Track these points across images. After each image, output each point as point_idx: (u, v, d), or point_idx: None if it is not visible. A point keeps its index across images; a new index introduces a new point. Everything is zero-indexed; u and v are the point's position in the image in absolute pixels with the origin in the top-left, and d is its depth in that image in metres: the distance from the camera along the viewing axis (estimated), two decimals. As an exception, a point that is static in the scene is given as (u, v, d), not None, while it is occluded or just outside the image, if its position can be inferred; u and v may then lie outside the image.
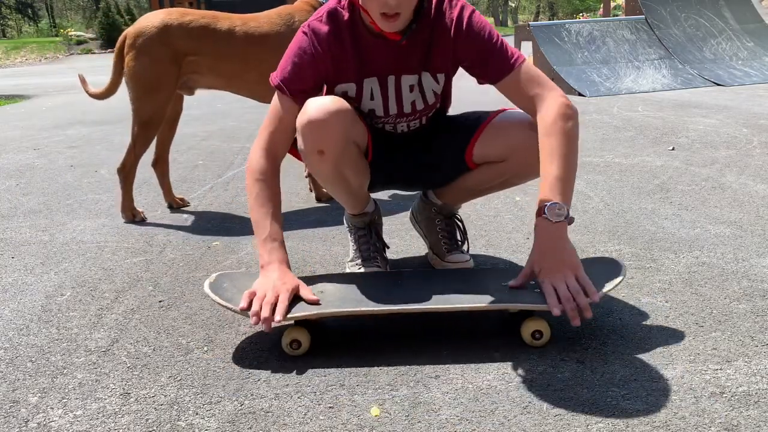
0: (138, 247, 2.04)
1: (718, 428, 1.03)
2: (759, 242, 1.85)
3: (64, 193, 2.77)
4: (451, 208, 1.73)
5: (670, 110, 4.31)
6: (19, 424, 1.12)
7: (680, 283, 1.59)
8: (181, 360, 1.32)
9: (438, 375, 1.23)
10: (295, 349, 1.31)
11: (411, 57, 1.47)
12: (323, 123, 1.38)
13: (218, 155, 3.50)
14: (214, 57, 2.20)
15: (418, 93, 1.51)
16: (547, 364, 1.25)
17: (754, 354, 1.25)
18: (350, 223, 1.70)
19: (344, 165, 1.47)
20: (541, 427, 1.06)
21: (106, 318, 1.53)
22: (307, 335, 1.32)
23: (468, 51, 1.45)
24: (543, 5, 42.19)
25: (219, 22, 2.21)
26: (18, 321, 1.54)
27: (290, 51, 1.46)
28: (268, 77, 1.49)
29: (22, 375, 1.29)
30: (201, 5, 18.70)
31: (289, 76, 1.43)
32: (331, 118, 1.38)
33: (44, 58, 17.21)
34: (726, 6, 6.34)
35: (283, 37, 2.17)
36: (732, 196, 2.31)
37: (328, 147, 1.40)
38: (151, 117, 2.24)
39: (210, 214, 2.39)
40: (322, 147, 1.40)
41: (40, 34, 31.13)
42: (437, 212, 1.72)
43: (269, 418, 1.11)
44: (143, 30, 2.18)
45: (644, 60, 5.76)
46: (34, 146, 4.00)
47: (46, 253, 2.01)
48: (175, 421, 1.11)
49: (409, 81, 1.49)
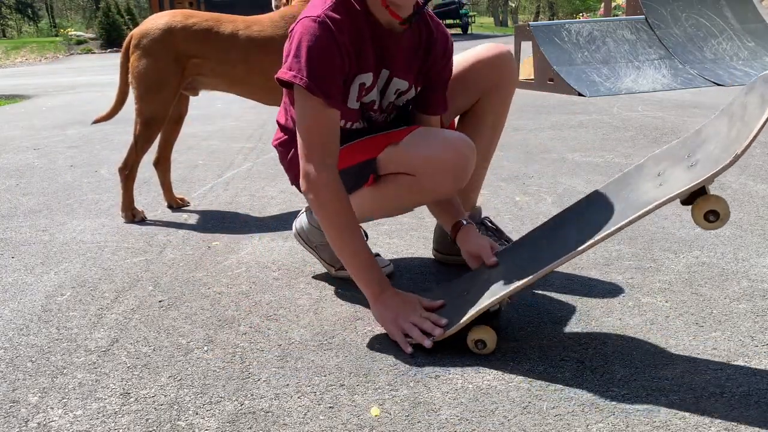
0: (138, 247, 2.04)
1: (718, 428, 1.03)
2: (759, 242, 1.85)
3: (64, 193, 2.77)
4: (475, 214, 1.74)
5: (670, 110, 4.31)
6: (19, 424, 1.12)
7: (680, 283, 1.59)
8: (181, 360, 1.32)
9: (438, 375, 1.23)
10: (480, 349, 1.29)
11: (414, 58, 1.47)
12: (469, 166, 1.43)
13: (218, 155, 3.50)
14: (217, 60, 2.21)
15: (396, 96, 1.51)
16: (547, 364, 1.25)
17: (754, 354, 1.25)
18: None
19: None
20: (541, 427, 1.06)
21: (106, 318, 1.53)
22: (492, 334, 1.29)
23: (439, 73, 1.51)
24: (543, 5, 42.17)
25: (222, 25, 2.22)
26: (18, 321, 1.54)
27: (306, 44, 1.30)
28: (271, 80, 1.45)
29: (22, 375, 1.29)
30: (201, 5, 18.70)
31: (320, 73, 1.30)
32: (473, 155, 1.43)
33: (44, 58, 17.21)
34: (727, 6, 6.34)
35: (286, 40, 2.18)
36: (732, 196, 2.31)
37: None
38: (154, 117, 2.25)
39: (210, 214, 2.39)
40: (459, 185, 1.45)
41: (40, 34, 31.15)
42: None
43: (269, 418, 1.11)
44: (148, 31, 2.21)
45: (644, 60, 5.76)
46: (34, 146, 4.00)
47: (46, 253, 2.01)
48: (175, 421, 1.11)
49: (398, 85, 1.48)
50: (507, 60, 1.62)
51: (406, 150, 1.42)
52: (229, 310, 1.55)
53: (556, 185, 2.57)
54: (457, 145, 1.42)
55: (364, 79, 1.42)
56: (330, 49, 1.30)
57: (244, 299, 1.61)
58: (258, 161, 3.31)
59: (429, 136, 1.44)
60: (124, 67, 2.29)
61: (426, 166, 1.41)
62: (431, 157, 1.41)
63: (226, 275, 1.77)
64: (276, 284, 1.70)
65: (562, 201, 2.34)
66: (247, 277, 1.75)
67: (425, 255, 1.87)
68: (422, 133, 1.44)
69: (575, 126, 3.92)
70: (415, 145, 1.42)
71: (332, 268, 1.70)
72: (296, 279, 1.73)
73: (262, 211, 2.40)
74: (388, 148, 1.43)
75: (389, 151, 1.43)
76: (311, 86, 1.29)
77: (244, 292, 1.66)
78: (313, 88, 1.30)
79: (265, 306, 1.56)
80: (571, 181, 2.61)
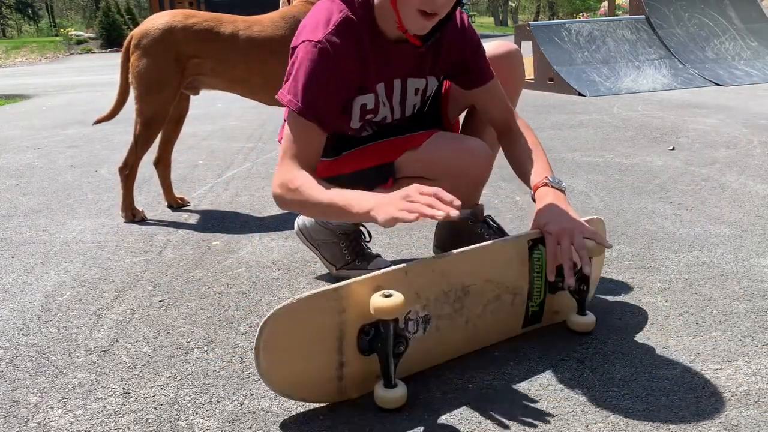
0: (138, 247, 2.04)
1: (718, 428, 1.03)
2: (759, 242, 1.85)
3: (64, 193, 2.77)
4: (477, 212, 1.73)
5: (670, 110, 4.31)
6: (19, 424, 1.12)
7: (680, 283, 1.59)
8: (181, 360, 1.32)
9: (438, 375, 1.23)
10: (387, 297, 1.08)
11: (424, 61, 1.45)
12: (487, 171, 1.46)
13: (218, 155, 3.50)
14: (218, 60, 2.21)
15: (420, 97, 1.50)
16: (547, 364, 1.25)
17: (754, 354, 1.25)
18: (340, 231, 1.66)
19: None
20: (541, 427, 1.06)
21: (106, 318, 1.53)
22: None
23: (461, 53, 1.46)
24: (543, 5, 42.17)
25: (223, 25, 2.22)
26: (18, 321, 1.54)
27: (304, 70, 1.30)
28: (271, 80, 1.46)
29: (22, 375, 1.29)
30: (201, 5, 18.70)
31: (314, 99, 1.30)
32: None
33: (44, 58, 17.21)
34: (731, 5, 6.34)
35: (286, 40, 2.17)
36: (732, 196, 2.31)
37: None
38: (154, 117, 2.25)
39: (210, 214, 2.39)
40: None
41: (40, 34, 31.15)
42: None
43: (269, 418, 1.11)
44: (148, 31, 2.21)
45: (644, 60, 5.76)
46: (34, 146, 4.00)
47: (46, 253, 2.01)
48: (175, 421, 1.11)
49: (416, 84, 1.47)
50: (516, 58, 1.62)
51: (424, 155, 1.45)
52: (229, 310, 1.55)
53: (556, 185, 2.57)
54: (475, 152, 1.47)
55: (365, 100, 1.42)
56: (327, 76, 1.30)
57: (244, 299, 1.61)
58: (258, 161, 3.31)
59: (447, 143, 1.47)
60: (124, 67, 2.29)
61: (444, 172, 1.44)
62: (450, 163, 1.44)
63: (226, 275, 1.77)
64: (276, 284, 1.70)
65: (562, 201, 2.34)
66: (247, 277, 1.75)
67: (425, 255, 1.87)
68: (440, 138, 1.47)
69: (575, 126, 3.92)
70: (434, 151, 1.45)
71: (333, 267, 1.70)
72: (296, 279, 1.73)
73: (262, 211, 2.40)
74: (406, 153, 1.46)
75: (408, 155, 1.46)
76: (304, 111, 1.30)
77: (244, 292, 1.66)
78: (306, 114, 1.30)
79: (265, 306, 1.56)
80: (571, 181, 2.61)
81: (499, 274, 1.29)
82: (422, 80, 1.47)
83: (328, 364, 1.11)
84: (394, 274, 1.15)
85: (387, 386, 1.11)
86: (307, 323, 1.09)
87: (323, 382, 1.12)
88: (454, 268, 1.22)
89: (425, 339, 1.20)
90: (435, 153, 1.45)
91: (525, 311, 1.35)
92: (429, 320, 1.20)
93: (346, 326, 1.11)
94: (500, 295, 1.30)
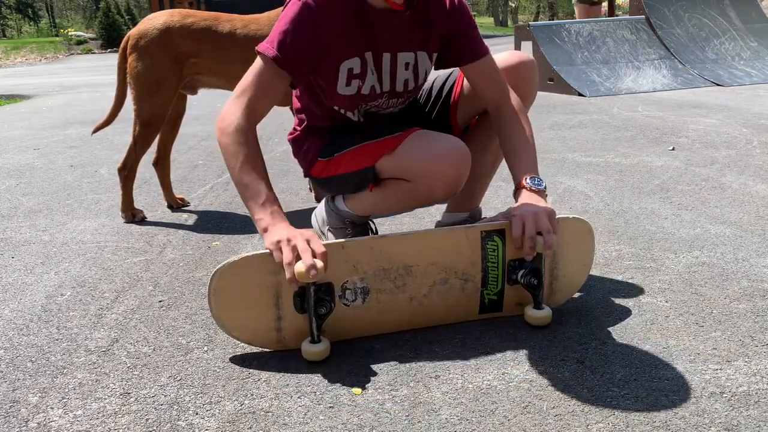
0: (138, 247, 2.04)
1: (718, 428, 1.03)
2: (759, 242, 1.85)
3: (64, 193, 2.77)
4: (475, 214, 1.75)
5: (670, 110, 4.31)
6: (19, 424, 1.12)
7: (680, 283, 1.59)
8: (181, 360, 1.32)
9: (438, 375, 1.23)
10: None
11: (413, 33, 1.47)
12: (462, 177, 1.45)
13: (218, 155, 3.49)
14: (215, 59, 2.21)
15: (411, 72, 1.51)
16: (547, 364, 1.25)
17: (754, 354, 1.25)
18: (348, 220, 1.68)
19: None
20: (541, 427, 1.06)
21: (106, 318, 1.53)
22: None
23: (452, 27, 1.49)
24: (543, 5, 42.17)
25: (220, 24, 2.21)
26: (18, 321, 1.54)
27: (284, 23, 1.37)
28: None
29: (22, 375, 1.29)
30: (201, 5, 18.70)
31: (285, 48, 1.36)
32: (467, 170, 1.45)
33: (44, 58, 17.21)
34: (731, 5, 6.34)
35: None
36: (732, 196, 2.31)
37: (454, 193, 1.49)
38: (152, 117, 2.24)
39: (210, 214, 2.39)
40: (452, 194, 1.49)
41: (40, 34, 31.15)
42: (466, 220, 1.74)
43: (269, 418, 1.11)
44: (146, 31, 2.20)
45: (644, 60, 5.76)
46: (34, 146, 4.00)
47: (46, 253, 2.01)
48: (175, 421, 1.11)
49: (406, 58, 1.49)
50: (527, 69, 1.60)
51: (399, 160, 1.47)
52: (229, 310, 1.55)
53: (556, 185, 2.57)
54: (449, 153, 1.45)
55: (351, 64, 1.44)
56: (306, 32, 1.37)
57: (244, 299, 1.61)
58: (258, 161, 3.30)
59: (421, 145, 1.46)
60: (121, 68, 2.27)
61: (419, 175, 1.46)
62: (423, 166, 1.45)
63: (226, 275, 1.77)
64: (276, 284, 1.70)
65: (563, 201, 2.34)
66: (247, 277, 1.75)
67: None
68: (415, 140, 1.47)
69: (575, 126, 3.92)
70: (408, 155, 1.46)
71: None
72: (296, 279, 1.73)
73: (262, 211, 2.39)
74: (383, 157, 1.48)
75: (385, 160, 1.48)
76: (279, 59, 1.36)
77: (244, 292, 1.66)
78: (280, 61, 1.36)
79: (265, 306, 1.56)
80: (571, 181, 2.61)
81: (447, 259, 1.38)
82: (411, 54, 1.49)
83: (267, 316, 1.31)
84: (332, 246, 1.31)
85: (311, 342, 1.29)
86: (247, 278, 1.28)
87: (264, 331, 1.32)
88: (395, 249, 1.35)
89: (367, 309, 1.36)
90: (409, 155, 1.46)
91: (480, 298, 1.42)
92: (368, 292, 1.35)
93: (282, 287, 1.29)
94: (448, 279, 1.39)
